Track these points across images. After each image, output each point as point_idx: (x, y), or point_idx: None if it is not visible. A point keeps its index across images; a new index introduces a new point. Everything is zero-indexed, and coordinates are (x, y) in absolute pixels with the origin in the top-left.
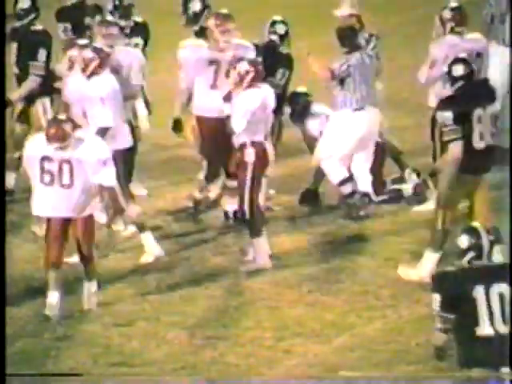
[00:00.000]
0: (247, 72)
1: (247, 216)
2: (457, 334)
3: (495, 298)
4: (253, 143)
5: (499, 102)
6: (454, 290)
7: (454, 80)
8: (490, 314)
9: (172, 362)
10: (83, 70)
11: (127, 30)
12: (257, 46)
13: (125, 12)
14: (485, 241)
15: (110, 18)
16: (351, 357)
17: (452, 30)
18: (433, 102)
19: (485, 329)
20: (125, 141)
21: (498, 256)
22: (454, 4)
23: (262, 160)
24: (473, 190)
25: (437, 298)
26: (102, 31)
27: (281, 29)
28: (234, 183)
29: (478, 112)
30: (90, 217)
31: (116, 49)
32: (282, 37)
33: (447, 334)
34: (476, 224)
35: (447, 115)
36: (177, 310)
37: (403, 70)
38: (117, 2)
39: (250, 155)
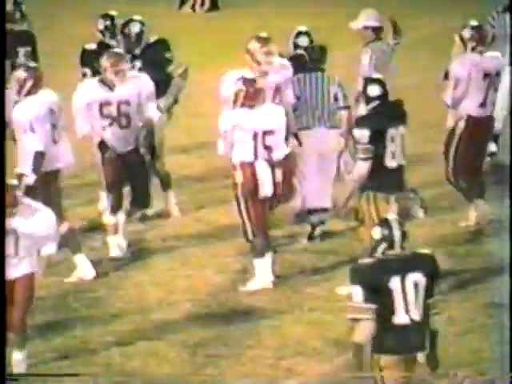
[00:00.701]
0: (240, 90)
1: (249, 237)
2: (375, 324)
3: (410, 287)
4: (241, 165)
5: (500, 122)
6: (373, 281)
7: (369, 100)
8: (406, 302)
9: (173, 381)
10: (18, 92)
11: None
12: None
13: (115, 31)
14: (396, 232)
15: (116, 50)
16: (353, 376)
17: (473, 49)
18: (451, 122)
19: (401, 317)
20: (53, 163)
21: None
22: (474, 23)
23: (249, 181)
24: (385, 208)
25: (358, 290)
26: (113, 67)
27: (304, 41)
28: None
29: (391, 132)
30: (32, 274)
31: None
32: (307, 48)
33: (372, 323)
34: (389, 216)
35: (364, 133)
36: (178, 329)
37: (409, 90)
38: (107, 23)
39: (238, 177)
